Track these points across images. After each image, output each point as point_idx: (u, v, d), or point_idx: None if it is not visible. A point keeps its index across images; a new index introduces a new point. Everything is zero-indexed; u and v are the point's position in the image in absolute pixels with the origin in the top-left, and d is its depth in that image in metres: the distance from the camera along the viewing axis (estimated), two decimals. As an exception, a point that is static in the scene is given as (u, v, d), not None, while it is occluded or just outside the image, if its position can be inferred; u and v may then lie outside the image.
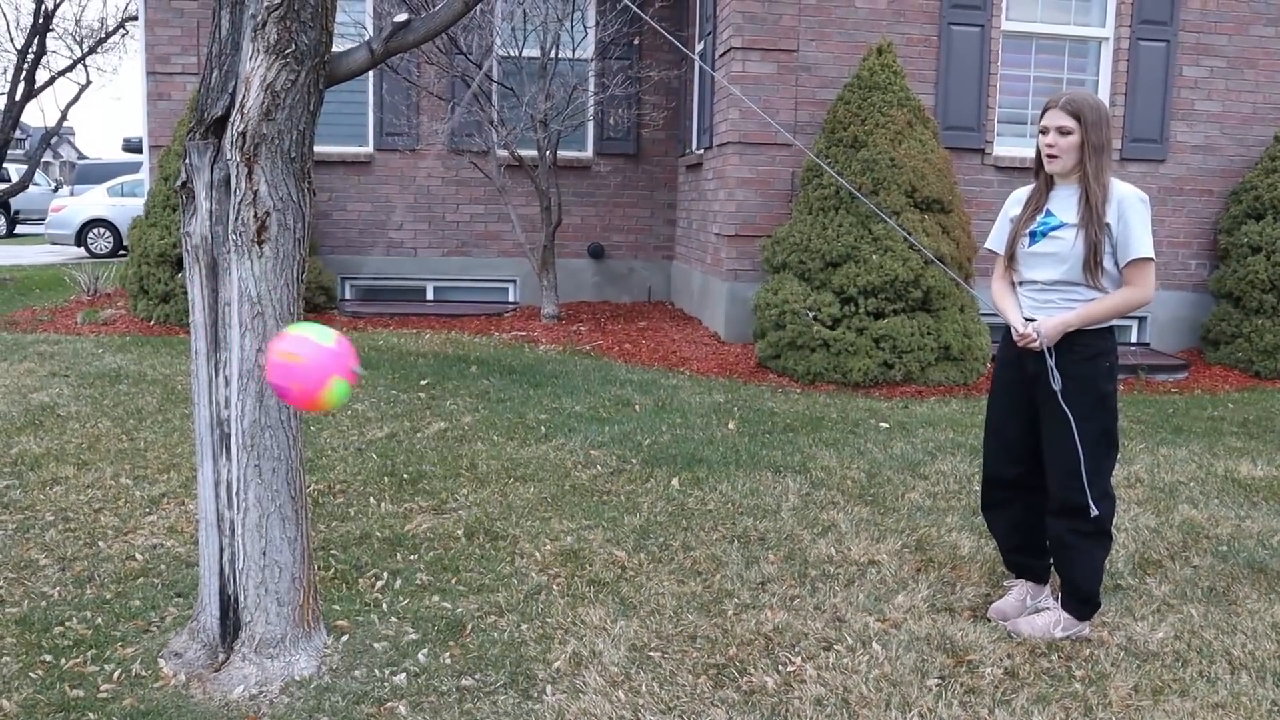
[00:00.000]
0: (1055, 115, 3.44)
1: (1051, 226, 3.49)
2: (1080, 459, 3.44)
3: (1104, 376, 3.51)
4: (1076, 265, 3.44)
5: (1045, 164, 3.50)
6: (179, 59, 10.57)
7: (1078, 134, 3.41)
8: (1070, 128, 3.41)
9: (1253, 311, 8.64)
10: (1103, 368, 3.51)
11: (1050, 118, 3.45)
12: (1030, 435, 3.63)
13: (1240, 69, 9.21)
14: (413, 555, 4.09)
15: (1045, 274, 3.51)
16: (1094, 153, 3.41)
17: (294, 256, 3.07)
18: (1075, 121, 3.41)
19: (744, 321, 8.60)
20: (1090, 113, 3.41)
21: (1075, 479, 3.45)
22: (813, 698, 3.08)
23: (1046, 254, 3.50)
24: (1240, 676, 3.29)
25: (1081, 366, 3.47)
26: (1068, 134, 3.42)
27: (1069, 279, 3.47)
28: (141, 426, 5.79)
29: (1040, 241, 3.51)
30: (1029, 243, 3.55)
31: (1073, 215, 3.45)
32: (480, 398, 6.64)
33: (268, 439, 3.08)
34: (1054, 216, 3.50)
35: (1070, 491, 3.48)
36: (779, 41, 8.61)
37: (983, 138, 8.96)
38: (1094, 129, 3.40)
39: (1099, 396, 3.49)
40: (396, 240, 11.11)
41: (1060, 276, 3.48)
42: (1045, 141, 3.47)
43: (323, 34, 3.00)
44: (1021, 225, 3.58)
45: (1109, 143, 3.45)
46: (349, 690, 3.06)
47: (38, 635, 3.34)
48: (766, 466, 5.37)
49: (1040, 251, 3.52)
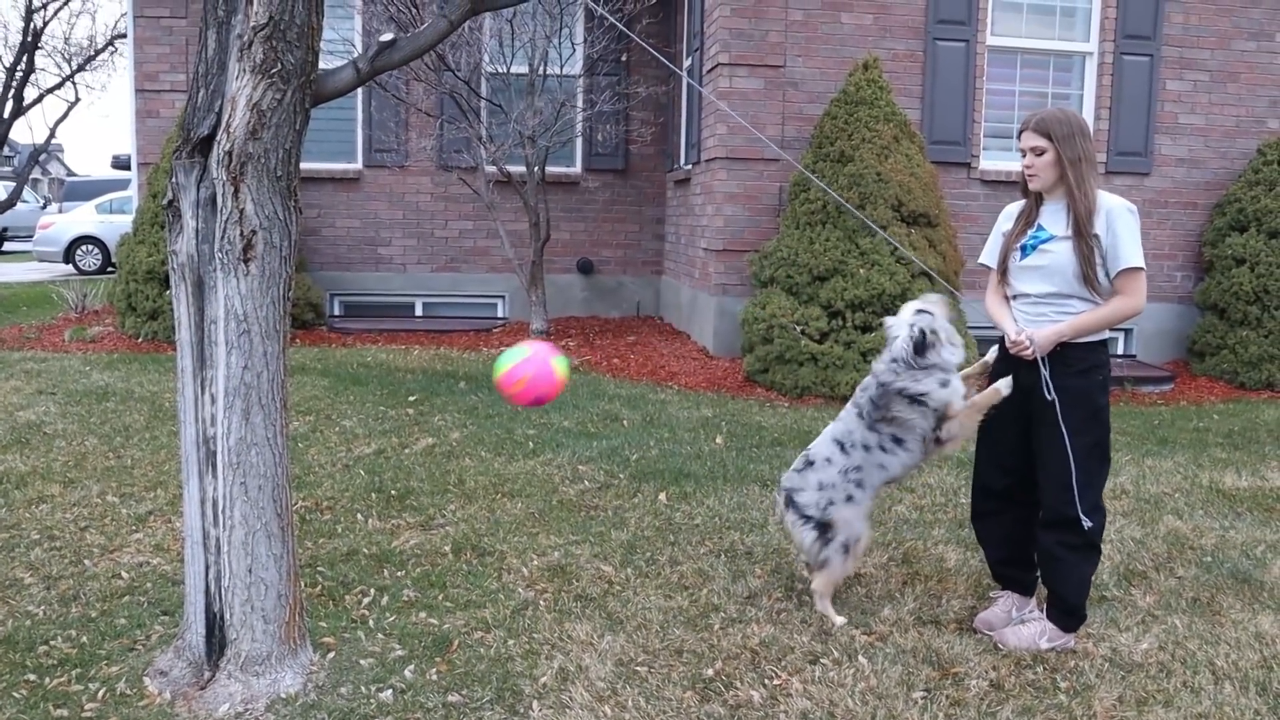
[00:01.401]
0: (1028, 137, 3.51)
1: (1043, 239, 3.53)
2: (1073, 472, 3.45)
3: (1098, 389, 3.54)
4: (1067, 278, 3.46)
5: (1028, 183, 3.58)
6: (167, 76, 10.60)
7: (1051, 151, 3.46)
8: (1043, 147, 3.47)
9: (1237, 323, 8.70)
10: (1096, 381, 3.53)
11: (1024, 139, 3.53)
12: (1022, 447, 3.65)
13: (1223, 83, 9.30)
14: (400, 571, 4.09)
15: (1037, 287, 3.54)
16: (1071, 166, 3.45)
17: (280, 274, 3.08)
18: (1046, 140, 3.46)
19: (732, 336, 8.63)
20: (1059, 128, 3.46)
21: (1067, 491, 3.47)
22: (799, 712, 3.09)
23: (1037, 267, 3.53)
24: (1224, 687, 3.31)
25: (1076, 379, 3.49)
26: (1041, 153, 3.48)
27: (1061, 291, 3.49)
28: (128, 444, 5.78)
29: (1031, 255, 3.55)
30: (1020, 256, 3.58)
31: (1062, 229, 3.49)
32: (468, 414, 6.64)
33: (253, 456, 3.08)
34: (1044, 230, 3.54)
35: (1062, 504, 3.50)
36: (766, 57, 8.67)
37: (969, 152, 9.02)
38: (1066, 143, 3.45)
39: (1093, 410, 3.51)
40: (385, 256, 11.13)
41: (1052, 289, 3.50)
42: (1024, 163, 3.55)
43: (309, 53, 3.02)
44: (1013, 240, 3.62)
45: (1089, 154, 3.48)
46: (335, 707, 3.06)
47: (22, 654, 3.33)
48: (754, 480, 5.38)
49: (1031, 265, 3.55)
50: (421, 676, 3.25)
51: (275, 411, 3.11)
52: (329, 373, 7.81)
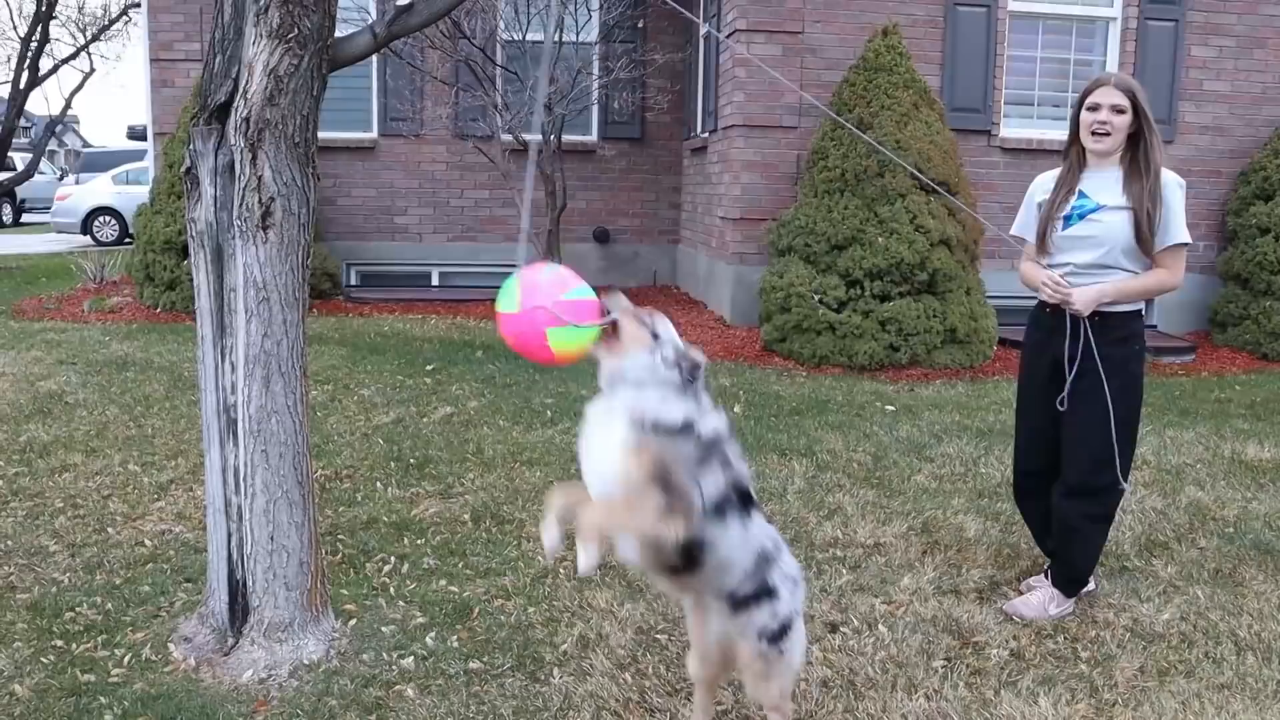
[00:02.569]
0: (1109, 93, 3.36)
1: (1089, 209, 3.42)
2: (1106, 441, 3.40)
3: (1135, 359, 3.49)
4: (1116, 248, 3.38)
5: (1092, 142, 3.41)
6: (182, 45, 10.55)
7: (1130, 114, 3.35)
8: (1124, 106, 3.35)
9: (1261, 293, 8.60)
10: (1134, 350, 3.48)
11: (1103, 94, 3.36)
12: (1057, 423, 3.55)
13: (1250, 49, 9.14)
14: (420, 540, 4.10)
15: (1083, 257, 3.44)
16: (1150, 132, 3.37)
17: (299, 241, 3.07)
18: (1129, 100, 3.35)
19: (750, 305, 8.59)
20: (1142, 93, 3.38)
21: (1099, 461, 3.42)
22: (819, 680, 3.09)
23: (1084, 237, 3.43)
24: (1246, 657, 3.29)
25: (1114, 348, 3.43)
26: (1122, 112, 3.35)
27: (1106, 262, 3.41)
28: (149, 413, 5.81)
29: (1076, 224, 3.44)
30: (1063, 226, 3.47)
31: (1113, 198, 3.39)
32: (486, 383, 6.64)
33: (274, 424, 3.08)
34: (1089, 199, 3.43)
35: (1093, 474, 3.45)
36: (784, 24, 8.57)
37: (989, 119, 8.91)
38: (1146, 108, 3.37)
39: (1129, 379, 3.45)
40: (401, 226, 11.11)
41: (1098, 260, 3.42)
42: (1098, 118, 3.37)
43: (325, 18, 2.99)
44: (1054, 209, 3.49)
45: (1155, 126, 3.41)
46: (357, 674, 3.08)
47: (49, 621, 3.36)
48: (772, 449, 5.37)
49: (1077, 234, 3.44)
50: (443, 644, 3.27)
51: (295, 379, 3.11)
52: (346, 342, 7.82)
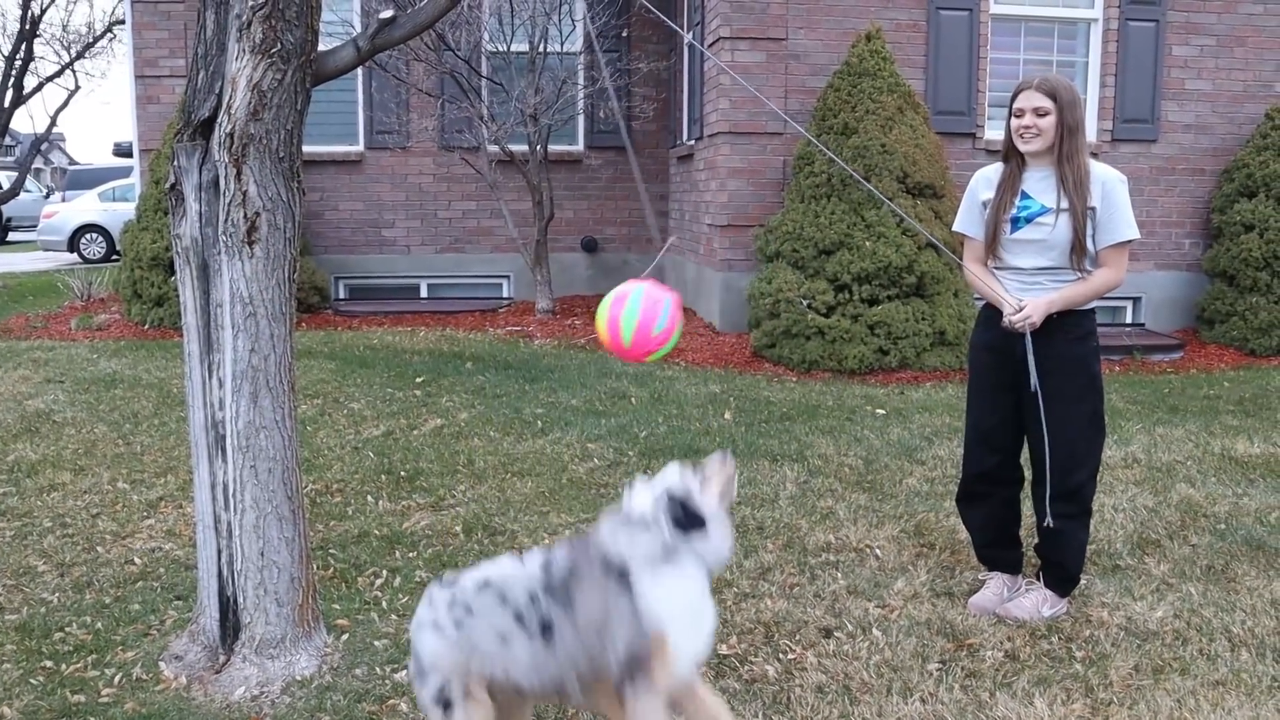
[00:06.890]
0: (1031, 96, 3.41)
1: (1034, 213, 3.45)
2: (1073, 440, 3.45)
3: (1093, 356, 3.52)
4: (1064, 251, 3.42)
5: (1020, 144, 3.46)
6: (167, 62, 10.54)
7: (1054, 114, 3.39)
8: (1047, 108, 3.39)
9: (1247, 289, 8.65)
10: (1091, 348, 3.52)
11: (1026, 99, 3.42)
12: (1011, 424, 3.60)
13: (1230, 47, 9.20)
14: (411, 552, 4.09)
15: (1030, 261, 3.48)
16: (1069, 133, 3.40)
17: (285, 256, 3.06)
18: (1052, 102, 3.39)
19: (739, 311, 8.60)
20: (1065, 93, 3.40)
21: (1070, 460, 3.46)
22: (814, 685, 3.09)
23: (1031, 241, 3.46)
24: (1240, 653, 3.30)
25: (1073, 347, 3.47)
26: (1044, 114, 3.40)
27: (1056, 265, 3.44)
28: (138, 431, 5.78)
29: (1024, 228, 3.47)
30: (1010, 229, 3.50)
31: (1053, 200, 3.43)
32: (476, 394, 6.63)
33: (262, 440, 3.07)
34: (1033, 200, 3.46)
35: (1066, 474, 3.48)
36: (768, 30, 8.59)
37: (974, 122, 8.94)
38: (1069, 109, 3.39)
39: (1089, 377, 3.49)
40: (389, 238, 11.10)
41: (1048, 263, 3.45)
42: (1022, 123, 3.43)
43: (308, 32, 2.99)
44: (1000, 210, 3.52)
45: (1082, 124, 3.44)
46: (350, 689, 3.06)
47: (38, 641, 3.34)
48: (764, 456, 5.37)
49: (1024, 239, 3.47)
50: (436, 656, 3.25)
51: (283, 394, 3.10)
52: (335, 356, 7.80)
